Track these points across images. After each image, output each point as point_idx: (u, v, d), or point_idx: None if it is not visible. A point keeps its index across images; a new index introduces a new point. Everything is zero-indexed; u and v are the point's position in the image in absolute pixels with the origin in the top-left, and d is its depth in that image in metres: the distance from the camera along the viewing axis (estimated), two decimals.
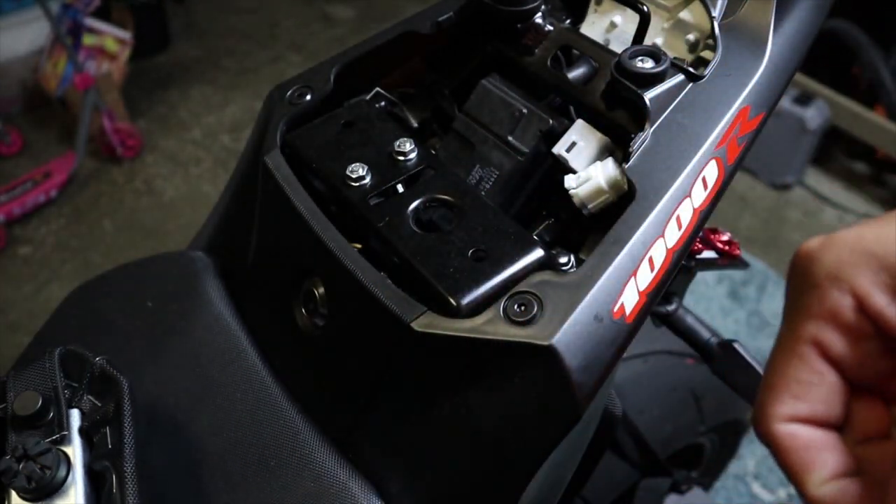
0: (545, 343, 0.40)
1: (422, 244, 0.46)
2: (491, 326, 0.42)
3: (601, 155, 0.51)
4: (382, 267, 0.47)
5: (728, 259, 0.75)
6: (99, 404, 0.48)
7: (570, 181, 0.49)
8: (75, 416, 0.47)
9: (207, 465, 0.51)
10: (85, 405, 0.48)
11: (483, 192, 0.53)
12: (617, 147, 0.51)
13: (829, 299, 0.29)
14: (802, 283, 0.31)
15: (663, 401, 1.03)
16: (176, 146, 2.52)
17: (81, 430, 0.46)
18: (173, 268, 0.61)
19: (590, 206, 0.49)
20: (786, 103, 2.24)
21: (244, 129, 2.58)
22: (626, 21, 0.57)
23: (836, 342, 0.30)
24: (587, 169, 0.49)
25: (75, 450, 0.45)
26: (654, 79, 0.49)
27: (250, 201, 0.57)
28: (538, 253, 0.46)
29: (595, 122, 0.52)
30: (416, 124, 0.57)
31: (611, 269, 0.43)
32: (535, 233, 0.53)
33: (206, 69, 2.84)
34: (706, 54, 0.54)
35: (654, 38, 0.55)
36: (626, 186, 0.47)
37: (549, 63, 0.54)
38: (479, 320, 0.42)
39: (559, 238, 0.53)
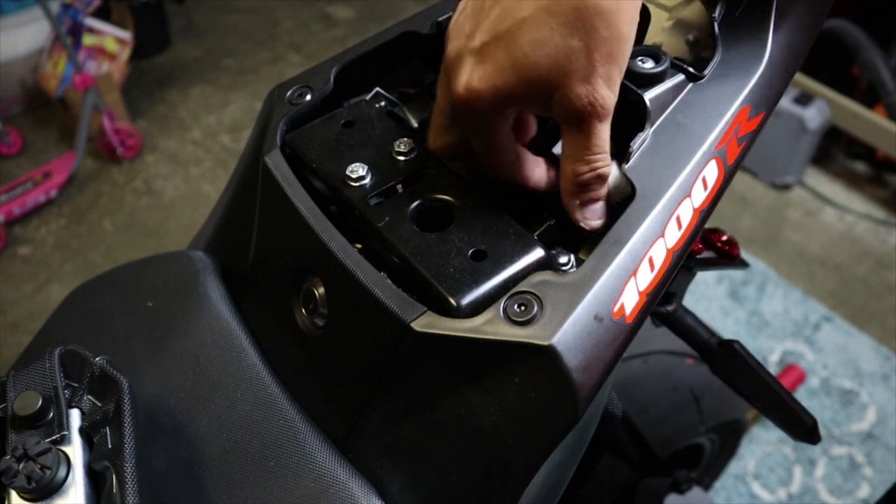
0: (545, 343, 0.40)
1: (422, 244, 0.46)
2: (491, 326, 0.42)
3: None
4: (382, 267, 0.47)
5: (728, 259, 0.75)
6: (99, 404, 0.48)
7: None
8: (75, 416, 0.46)
9: (207, 466, 0.51)
10: (85, 405, 0.48)
11: (483, 192, 0.53)
12: (617, 147, 0.51)
13: None
14: None
15: (663, 401, 1.03)
16: (176, 146, 2.52)
17: (81, 430, 0.46)
18: (173, 268, 0.61)
19: None
20: (786, 103, 2.24)
21: (244, 129, 2.58)
22: None
23: None
24: None
25: (75, 450, 0.45)
26: (654, 79, 0.49)
27: (250, 201, 0.57)
28: (538, 253, 0.46)
29: None
30: (416, 124, 0.57)
31: (611, 269, 0.43)
32: (535, 233, 0.53)
33: (206, 69, 2.84)
34: (706, 54, 0.54)
35: (654, 38, 0.55)
36: (629, 189, 0.47)
37: None
38: (479, 320, 0.42)
39: (559, 238, 0.53)
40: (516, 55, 0.41)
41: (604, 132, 0.45)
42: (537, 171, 0.49)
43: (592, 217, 0.48)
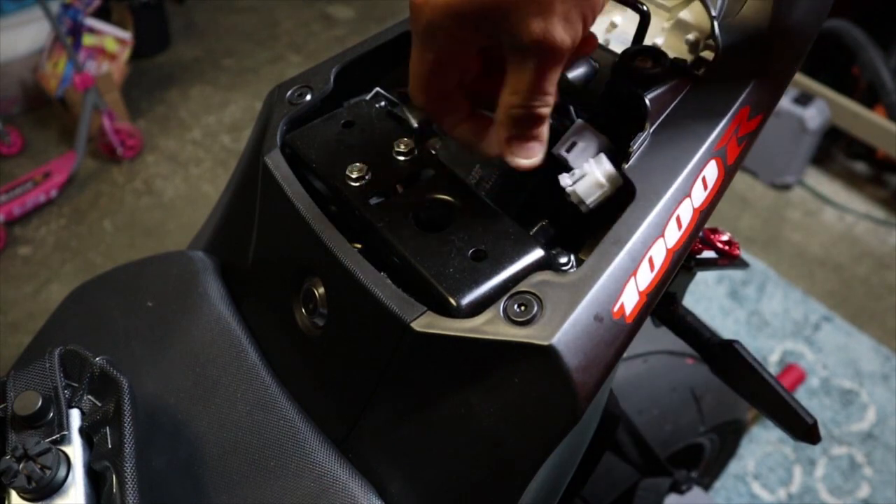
0: (545, 343, 0.40)
1: (422, 244, 0.46)
2: (491, 326, 0.42)
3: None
4: (382, 267, 0.47)
5: (728, 259, 0.75)
6: (99, 404, 0.48)
7: (565, 179, 0.49)
8: (75, 416, 0.47)
9: (207, 466, 0.51)
10: (85, 405, 0.48)
11: (483, 192, 0.53)
12: (617, 147, 0.51)
13: None
14: None
15: (663, 401, 1.03)
16: (176, 146, 2.52)
17: (81, 430, 0.46)
18: (173, 267, 0.61)
19: (588, 201, 0.49)
20: (786, 103, 2.24)
21: (244, 129, 2.58)
22: (626, 21, 0.57)
23: None
24: (582, 166, 0.49)
25: (75, 450, 0.45)
26: (654, 79, 0.49)
27: (250, 201, 0.57)
28: (538, 253, 0.46)
29: (595, 122, 0.52)
30: (416, 124, 0.57)
31: (611, 269, 0.43)
32: (535, 233, 0.53)
33: (206, 69, 2.84)
34: (706, 54, 0.54)
35: (654, 38, 0.55)
36: (621, 180, 0.47)
37: None
38: (479, 320, 0.42)
39: (559, 238, 0.53)
40: None
41: (551, 74, 0.42)
42: (466, 120, 0.48)
43: (521, 154, 0.45)
